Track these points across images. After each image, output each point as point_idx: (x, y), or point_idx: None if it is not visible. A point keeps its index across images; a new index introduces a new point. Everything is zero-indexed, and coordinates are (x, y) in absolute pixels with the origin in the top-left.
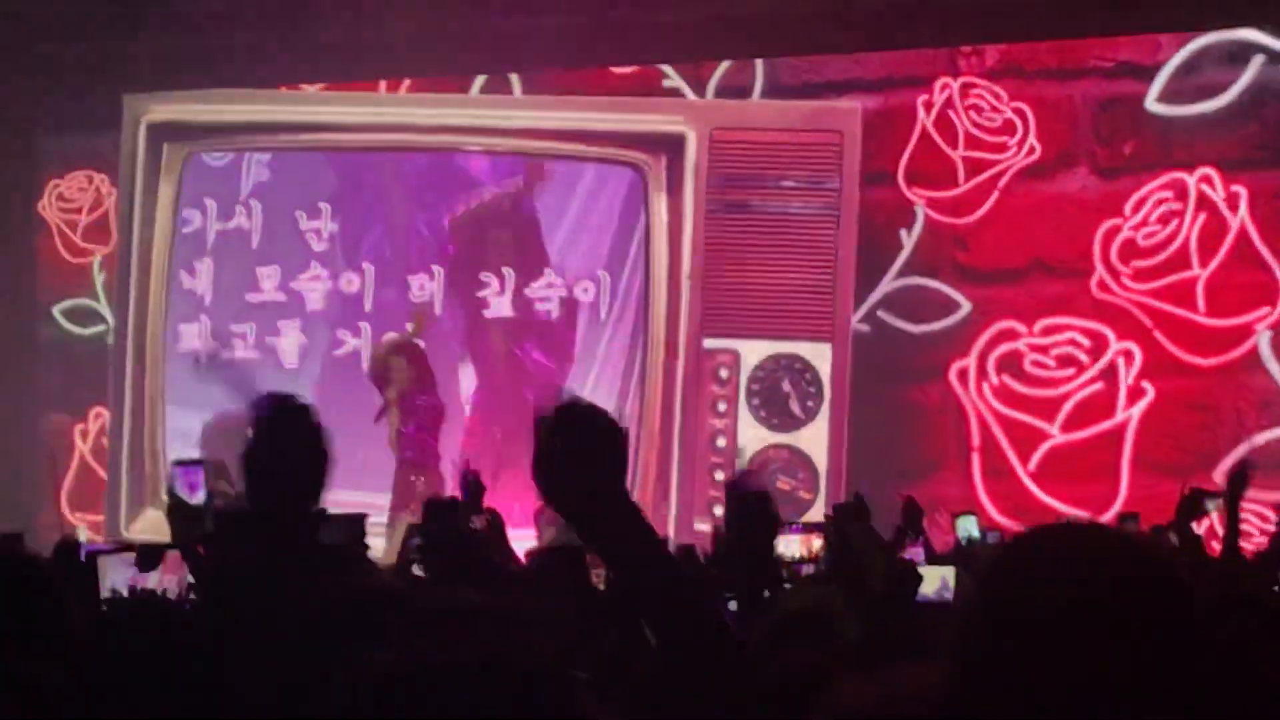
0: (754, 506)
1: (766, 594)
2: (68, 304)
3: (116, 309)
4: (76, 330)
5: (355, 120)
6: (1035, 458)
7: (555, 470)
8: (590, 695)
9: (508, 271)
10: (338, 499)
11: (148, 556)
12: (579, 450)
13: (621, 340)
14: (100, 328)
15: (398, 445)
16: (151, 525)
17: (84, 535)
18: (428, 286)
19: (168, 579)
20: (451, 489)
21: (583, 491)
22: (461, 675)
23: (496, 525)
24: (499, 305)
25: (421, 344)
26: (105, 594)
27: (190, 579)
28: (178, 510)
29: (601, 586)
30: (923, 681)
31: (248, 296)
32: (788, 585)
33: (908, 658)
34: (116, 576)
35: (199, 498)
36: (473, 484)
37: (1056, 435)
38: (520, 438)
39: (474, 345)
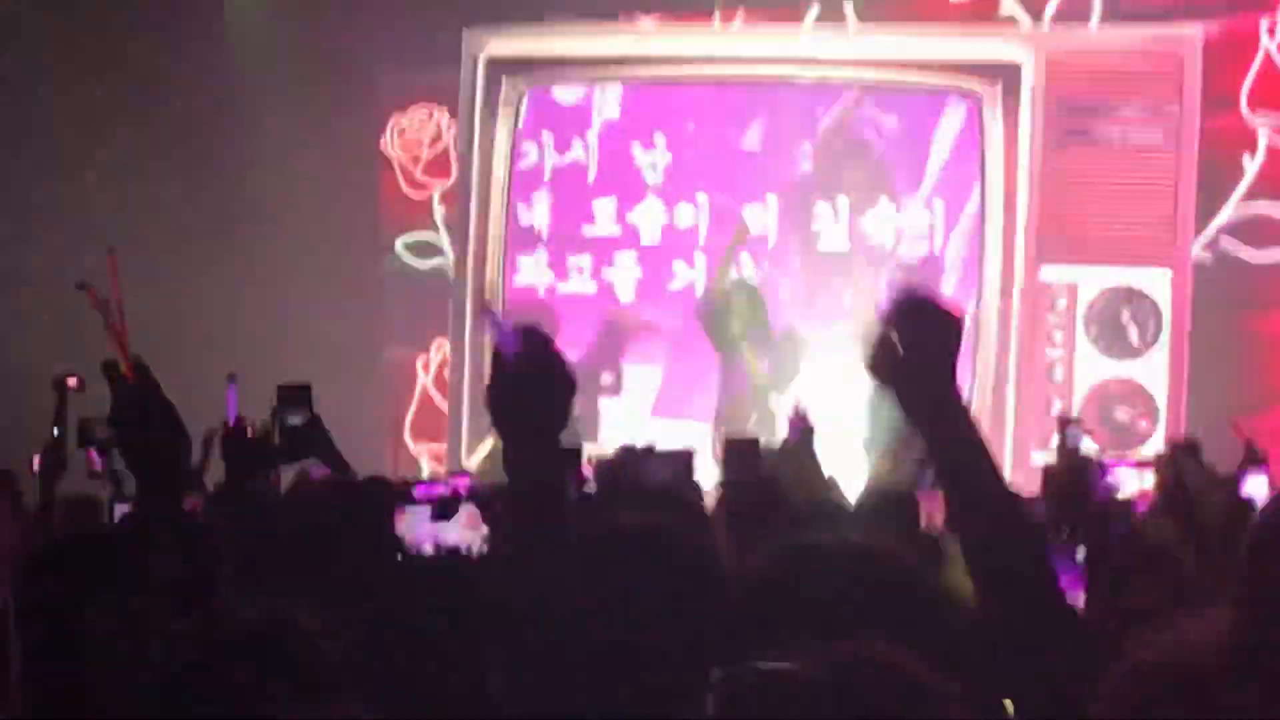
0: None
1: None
2: (409, 237)
3: (456, 242)
4: (418, 263)
5: (690, 53)
6: None
7: (892, 360)
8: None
9: (842, 201)
10: (672, 427)
11: (445, 506)
12: (923, 341)
13: (956, 269)
14: (440, 260)
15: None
16: (491, 456)
17: (425, 466)
18: (762, 216)
19: (469, 534)
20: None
21: (919, 385)
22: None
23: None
24: (833, 238)
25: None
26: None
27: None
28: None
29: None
30: (1211, 628)
31: (584, 229)
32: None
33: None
34: (420, 529)
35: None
36: (801, 425)
37: None
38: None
39: (809, 280)
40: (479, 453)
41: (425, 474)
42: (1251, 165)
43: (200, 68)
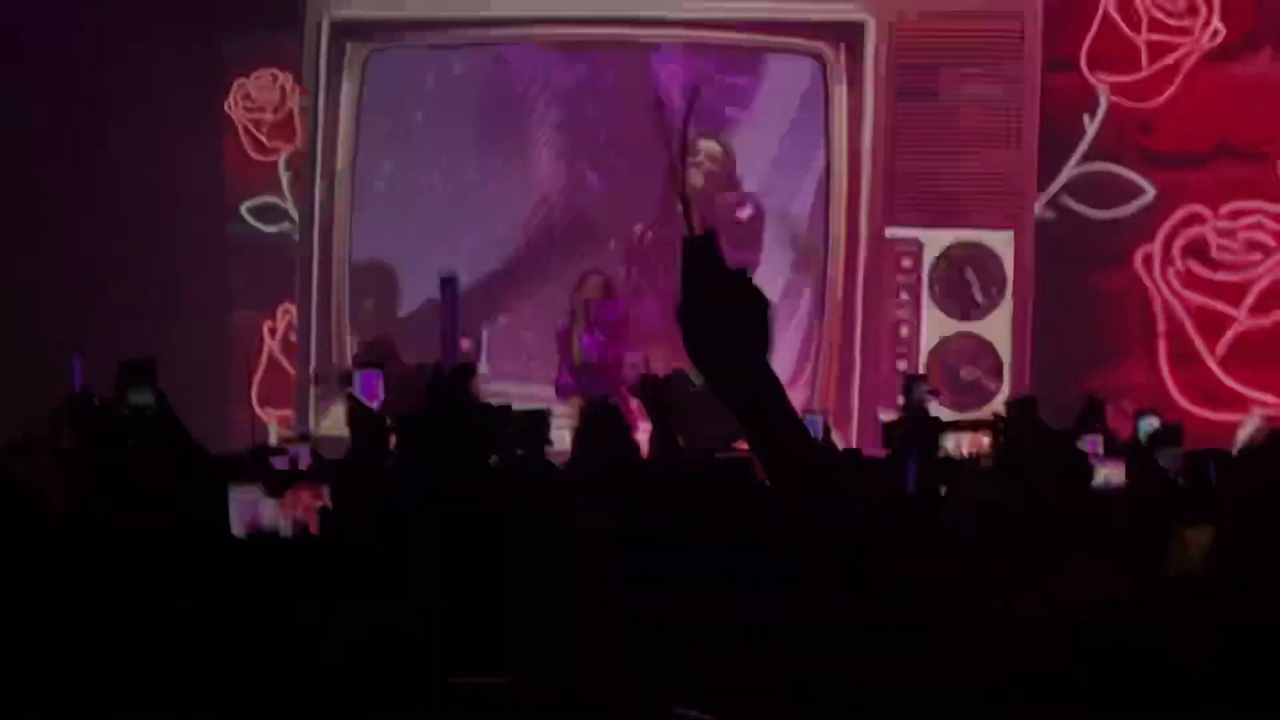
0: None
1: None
2: (255, 202)
3: (301, 206)
4: (264, 228)
5: (533, 14)
6: (1222, 343)
7: (704, 328)
8: None
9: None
10: (516, 391)
11: (278, 482)
12: (732, 313)
13: (801, 233)
14: (287, 225)
15: (580, 354)
16: (338, 422)
17: (274, 433)
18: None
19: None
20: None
21: (732, 356)
22: None
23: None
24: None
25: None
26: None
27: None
28: (358, 415)
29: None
30: (1100, 580)
31: (427, 192)
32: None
33: (1079, 550)
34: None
35: (379, 402)
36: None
37: (1244, 320)
38: None
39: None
40: (328, 418)
41: (273, 440)
42: (1092, 125)
43: (42, 28)
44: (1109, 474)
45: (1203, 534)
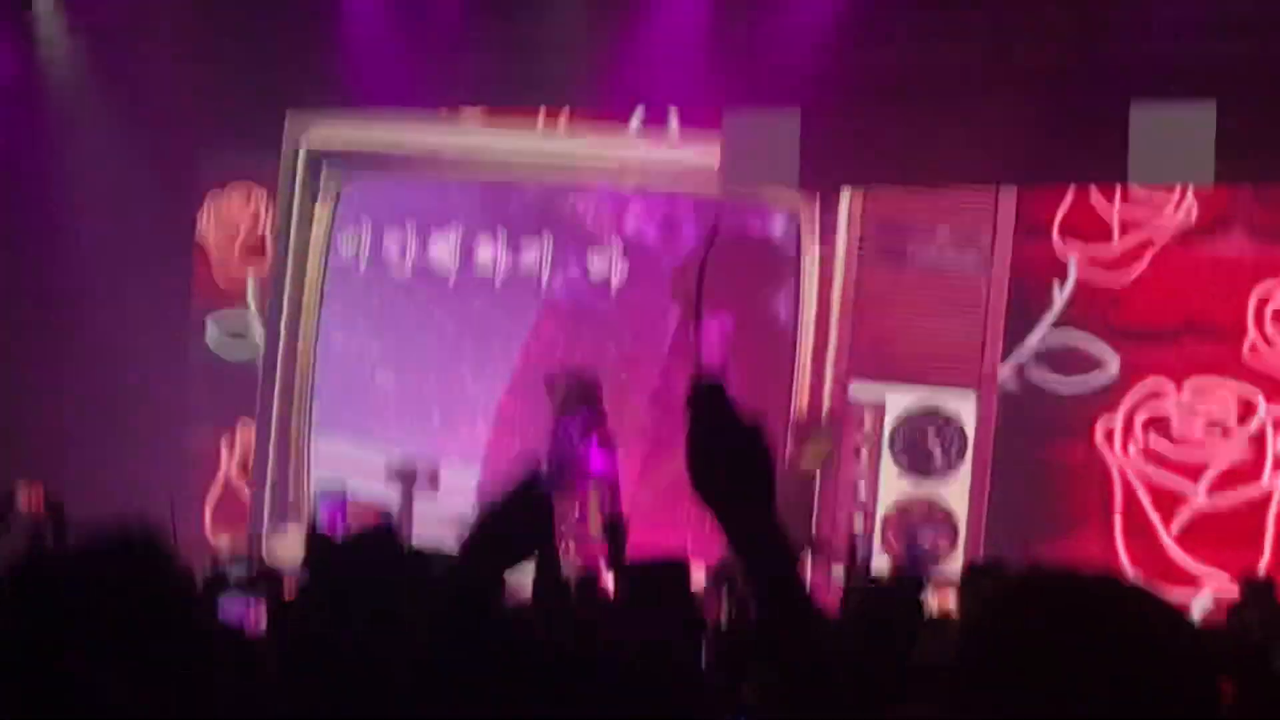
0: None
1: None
2: (221, 319)
3: (267, 328)
4: (229, 345)
5: (513, 150)
6: (1178, 521)
7: (709, 462)
8: None
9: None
10: None
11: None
12: (736, 447)
13: (764, 382)
14: (252, 344)
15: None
16: (291, 544)
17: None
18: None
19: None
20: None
21: (737, 492)
22: None
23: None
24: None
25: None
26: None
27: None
28: (313, 543)
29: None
30: None
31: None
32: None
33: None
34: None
35: (338, 530)
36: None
37: (1201, 499)
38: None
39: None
40: (278, 540)
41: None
42: (1060, 294)
43: (14, 133)
44: None
45: None
